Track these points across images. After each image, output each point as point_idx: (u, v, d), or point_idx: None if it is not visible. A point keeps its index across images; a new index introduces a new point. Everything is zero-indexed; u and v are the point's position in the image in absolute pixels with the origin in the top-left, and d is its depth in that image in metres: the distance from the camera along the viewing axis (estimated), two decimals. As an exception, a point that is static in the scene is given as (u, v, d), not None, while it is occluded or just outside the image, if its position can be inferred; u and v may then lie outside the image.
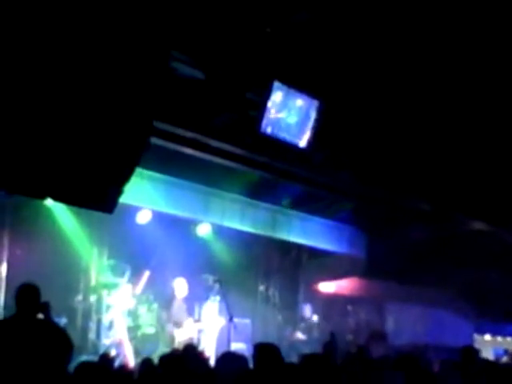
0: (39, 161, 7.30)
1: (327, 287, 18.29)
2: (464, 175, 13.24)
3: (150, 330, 14.23)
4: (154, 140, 9.72)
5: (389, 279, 17.12)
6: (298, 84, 10.78)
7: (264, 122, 10.54)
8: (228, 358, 7.25)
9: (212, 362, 9.15)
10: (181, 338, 13.70)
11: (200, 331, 14.27)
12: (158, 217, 14.03)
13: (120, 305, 14.02)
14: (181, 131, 10.51)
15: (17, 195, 10.74)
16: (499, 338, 19.98)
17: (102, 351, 12.48)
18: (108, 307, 14.03)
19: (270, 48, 9.95)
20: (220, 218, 14.72)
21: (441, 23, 9.34)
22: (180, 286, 14.39)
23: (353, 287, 18.29)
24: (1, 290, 12.86)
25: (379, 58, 10.30)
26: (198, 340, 14.29)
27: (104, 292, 14.12)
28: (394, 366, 6.33)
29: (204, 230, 15.23)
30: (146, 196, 13.14)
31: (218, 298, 14.11)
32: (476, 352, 9.18)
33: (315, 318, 16.83)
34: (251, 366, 7.19)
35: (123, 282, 14.25)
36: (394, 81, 10.88)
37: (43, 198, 9.86)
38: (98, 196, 8.15)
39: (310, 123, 11.07)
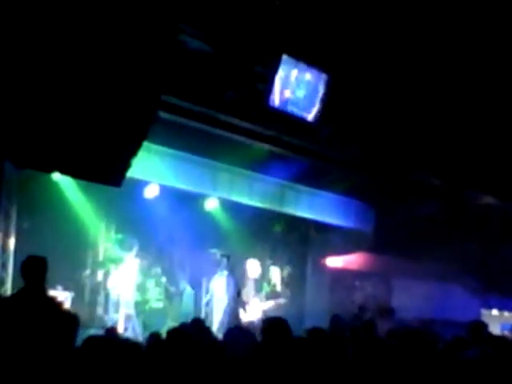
0: (47, 135, 7.28)
1: (335, 262, 18.28)
2: (473, 150, 13.17)
3: (158, 305, 14.26)
4: (162, 114, 9.69)
5: (396, 254, 17.10)
6: (306, 58, 10.72)
7: (272, 95, 10.50)
8: (236, 333, 7.27)
9: (220, 336, 9.17)
10: (246, 318, 13.68)
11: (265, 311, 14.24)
12: (166, 191, 14.00)
13: (128, 279, 14.04)
14: (189, 105, 10.47)
15: (24, 169, 10.74)
16: (506, 313, 19.99)
17: (109, 325, 12.51)
18: (116, 281, 14.05)
19: (278, 21, 9.88)
20: (228, 193, 14.68)
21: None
22: (252, 267, 14.37)
23: (360, 262, 18.28)
24: (9, 264, 12.89)
25: (388, 31, 10.23)
26: (206, 314, 14.33)
27: (112, 266, 14.14)
28: (400, 341, 6.30)
29: (212, 205, 15.19)
30: (153, 170, 13.10)
31: (225, 272, 14.10)
32: (484, 326, 9.14)
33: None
34: (259, 340, 7.20)
35: (131, 257, 14.26)
36: (404, 54, 10.82)
37: (51, 171, 9.86)
38: (105, 170, 8.13)
39: (319, 97, 11.03)
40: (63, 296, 12.06)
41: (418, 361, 5.67)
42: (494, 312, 19.77)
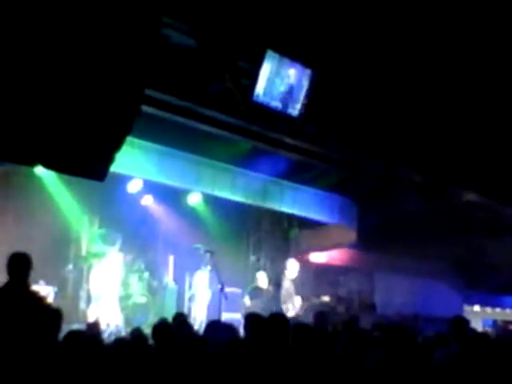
0: (30, 127, 7.24)
1: (318, 257, 18.31)
2: (457, 146, 13.21)
3: (141, 300, 14.23)
4: (146, 108, 9.66)
5: (379, 250, 17.15)
6: (290, 53, 10.72)
7: (256, 90, 10.49)
8: (216, 327, 7.27)
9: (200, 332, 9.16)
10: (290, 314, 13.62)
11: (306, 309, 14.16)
12: (149, 186, 13.98)
13: (111, 274, 14.00)
14: (172, 99, 10.45)
15: (6, 162, 10.69)
16: (488, 309, 20.11)
17: (91, 320, 12.47)
18: (99, 276, 14.01)
19: (263, 16, 9.87)
20: (211, 188, 14.66)
21: None
22: (292, 267, 14.33)
23: (344, 258, 18.33)
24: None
25: (372, 26, 10.24)
26: (189, 309, 14.33)
27: (95, 261, 14.10)
28: (383, 336, 6.33)
29: (195, 200, 15.20)
30: (137, 165, 13.07)
31: (208, 267, 14.07)
32: (466, 322, 9.17)
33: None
34: (241, 335, 7.20)
35: (114, 251, 14.22)
36: (387, 50, 10.83)
37: (33, 165, 9.81)
38: (88, 164, 8.10)
39: (303, 93, 11.02)
40: (46, 291, 12.03)
41: (399, 355, 5.69)
42: (476, 308, 19.88)
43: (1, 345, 6.33)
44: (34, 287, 8.24)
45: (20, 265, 7.06)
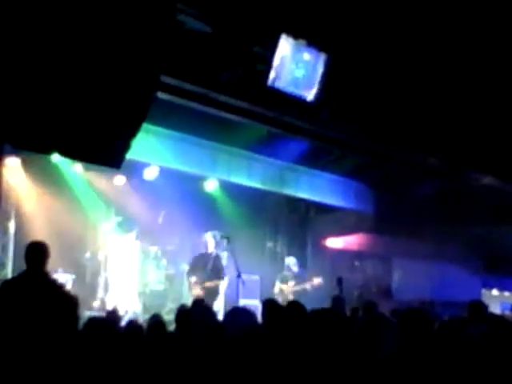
0: (45, 115, 7.24)
1: (335, 243, 18.28)
2: (473, 130, 13.13)
3: (159, 287, 14.27)
4: (161, 95, 9.65)
5: (396, 234, 17.09)
6: (305, 37, 10.67)
7: (271, 76, 10.46)
8: (237, 313, 7.25)
9: (220, 318, 9.17)
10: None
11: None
12: (166, 173, 13.99)
13: (128, 261, 14.05)
14: (188, 86, 10.44)
15: (23, 150, 10.72)
16: (507, 293, 20.02)
17: (110, 308, 12.53)
18: (116, 264, 14.07)
19: (277, 1, 9.82)
20: (227, 174, 14.68)
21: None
22: (292, 262, 14.62)
23: (360, 242, 18.28)
24: (10, 247, 12.90)
25: (386, 8, 10.16)
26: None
27: (112, 249, 14.15)
28: (400, 320, 6.30)
29: (211, 186, 15.19)
30: (153, 152, 13.11)
31: (225, 254, 14.08)
32: (484, 307, 9.12)
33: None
34: (259, 321, 7.19)
35: (131, 239, 14.26)
36: (402, 34, 10.75)
37: (49, 153, 9.83)
38: (104, 151, 8.09)
39: (318, 77, 10.98)
40: (64, 279, 12.08)
41: (417, 339, 5.67)
42: (494, 292, 19.81)
43: (19, 333, 6.35)
44: (53, 275, 8.29)
45: (38, 253, 7.09)
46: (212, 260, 13.11)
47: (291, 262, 14.85)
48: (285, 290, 14.14)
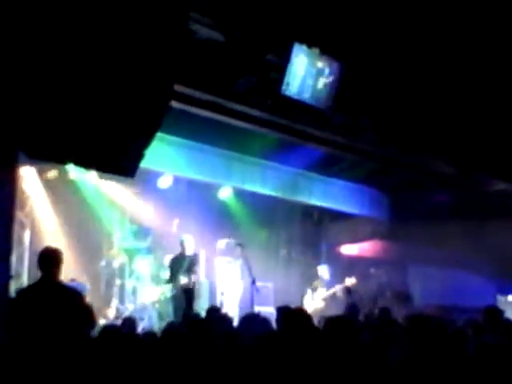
0: (60, 125, 7.28)
1: (349, 250, 18.27)
2: (487, 137, 13.11)
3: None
4: (175, 104, 9.69)
5: (411, 241, 17.05)
6: (318, 46, 10.69)
7: (284, 84, 10.48)
8: (251, 319, 7.28)
9: (235, 325, 9.18)
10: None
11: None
12: (179, 181, 14.03)
13: (143, 269, 14.07)
14: (201, 94, 10.48)
15: (37, 160, 10.78)
16: (523, 299, 19.91)
17: (125, 316, 12.55)
18: (131, 272, 14.11)
19: (290, 9, 9.85)
20: (241, 182, 14.71)
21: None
22: (324, 272, 14.67)
23: (375, 249, 18.26)
24: (25, 257, 12.94)
25: (401, 18, 10.18)
26: (221, 303, 14.35)
27: (127, 257, 14.19)
28: (410, 327, 6.32)
29: (225, 194, 15.22)
30: (167, 161, 13.14)
31: (239, 261, 14.10)
32: (500, 312, 9.10)
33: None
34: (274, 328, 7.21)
35: (146, 247, 14.30)
36: (418, 41, 10.76)
37: (64, 162, 9.88)
38: (118, 160, 8.13)
39: (331, 85, 11.00)
40: (80, 287, 12.11)
41: (427, 345, 5.68)
42: (510, 298, 19.70)
43: (33, 340, 6.39)
44: (67, 283, 8.32)
45: (51, 259, 7.09)
46: (188, 261, 13.00)
47: (323, 269, 14.82)
48: (315, 298, 14.10)
